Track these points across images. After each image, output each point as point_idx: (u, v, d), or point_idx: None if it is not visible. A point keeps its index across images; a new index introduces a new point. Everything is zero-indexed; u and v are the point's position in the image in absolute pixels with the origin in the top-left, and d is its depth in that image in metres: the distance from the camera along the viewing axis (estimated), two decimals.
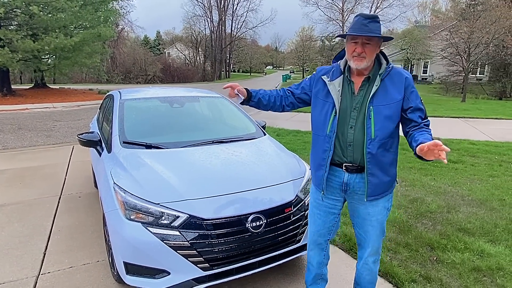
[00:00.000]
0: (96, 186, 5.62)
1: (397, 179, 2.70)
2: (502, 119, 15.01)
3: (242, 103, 2.82)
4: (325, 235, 2.87)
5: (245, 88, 2.82)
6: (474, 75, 38.13)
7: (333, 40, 55.60)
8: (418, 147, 2.18)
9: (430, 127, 2.43)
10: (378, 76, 2.45)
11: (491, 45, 27.78)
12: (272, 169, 3.55)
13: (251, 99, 2.83)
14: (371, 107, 2.42)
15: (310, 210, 2.91)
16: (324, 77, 2.63)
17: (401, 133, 2.54)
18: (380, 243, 2.75)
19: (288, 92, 2.88)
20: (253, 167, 3.60)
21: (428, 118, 2.45)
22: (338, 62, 2.65)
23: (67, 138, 10.64)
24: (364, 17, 2.37)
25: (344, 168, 2.56)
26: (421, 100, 2.46)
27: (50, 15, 20.66)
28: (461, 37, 25.94)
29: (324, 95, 2.61)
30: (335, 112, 2.51)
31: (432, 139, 2.17)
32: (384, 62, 2.50)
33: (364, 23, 2.34)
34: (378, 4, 43.37)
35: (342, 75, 2.57)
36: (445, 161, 2.04)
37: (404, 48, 47.96)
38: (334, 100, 2.52)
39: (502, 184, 6.31)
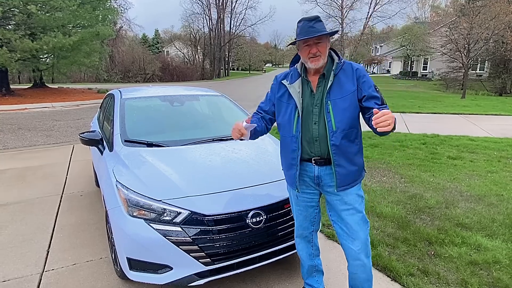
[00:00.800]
0: (97, 184, 5.69)
1: (365, 168, 2.81)
2: (502, 115, 15.07)
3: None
4: (308, 228, 2.99)
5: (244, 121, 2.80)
6: (474, 71, 38.21)
7: (332, 37, 55.51)
8: (373, 119, 2.24)
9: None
10: (332, 71, 2.59)
11: (491, 41, 27.80)
12: (271, 166, 3.61)
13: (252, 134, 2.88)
14: (328, 101, 2.55)
15: (292, 207, 3.05)
16: (284, 81, 2.78)
17: (399, 130, 2.62)
18: (366, 234, 2.73)
19: (261, 112, 2.97)
20: (253, 164, 3.68)
21: (386, 105, 2.56)
22: (295, 66, 2.80)
23: (67, 137, 10.69)
24: (308, 20, 2.52)
25: (313, 162, 2.67)
26: (375, 88, 2.57)
27: (48, 14, 20.61)
28: (460, 33, 25.97)
29: (286, 98, 2.74)
30: (298, 113, 2.64)
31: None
32: (336, 58, 2.65)
33: (310, 25, 2.50)
34: (378, 1, 43.29)
35: (301, 77, 2.70)
36: (388, 128, 2.18)
37: (404, 44, 48.05)
38: (296, 102, 2.65)
39: (500, 180, 6.38)
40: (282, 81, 2.81)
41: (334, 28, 44.89)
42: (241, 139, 2.75)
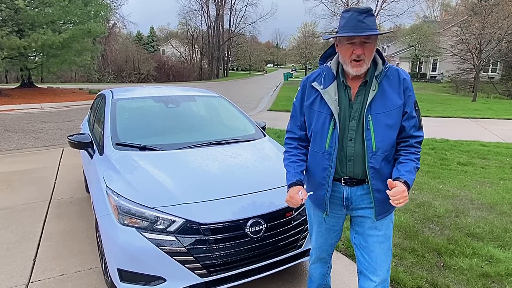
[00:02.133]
0: (87, 190, 5.67)
1: None
2: None
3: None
4: (328, 250, 2.86)
5: (298, 181, 2.49)
6: (485, 73, 38.27)
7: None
8: (388, 181, 2.17)
9: (421, 145, 2.33)
10: (375, 78, 2.28)
11: (504, 41, 27.94)
12: (272, 171, 3.59)
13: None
14: (369, 115, 2.24)
15: (310, 224, 2.85)
16: (316, 84, 2.42)
17: None
18: (389, 267, 2.50)
19: (296, 140, 2.64)
20: (253, 169, 3.66)
21: (423, 131, 2.34)
22: (328, 64, 2.46)
23: (56, 140, 10.69)
24: (359, 12, 2.14)
25: (343, 182, 2.42)
26: (415, 106, 2.30)
27: (37, 10, 20.69)
28: (472, 32, 26.06)
29: (318, 105, 2.40)
30: (335, 124, 2.32)
31: (415, 169, 2.25)
32: (379, 61, 2.31)
33: (360, 19, 2.13)
34: None
35: (336, 80, 2.36)
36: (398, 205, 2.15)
37: (412, 44, 48.07)
38: (332, 110, 2.31)
39: None
40: (312, 84, 2.44)
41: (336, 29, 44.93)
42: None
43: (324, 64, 2.49)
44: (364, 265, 2.50)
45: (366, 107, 2.25)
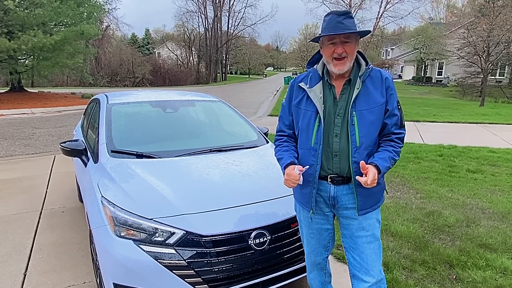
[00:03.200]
0: (81, 200, 5.63)
1: (386, 189, 2.73)
2: None
3: None
4: (322, 253, 2.89)
5: (293, 162, 2.62)
6: (493, 77, 38.36)
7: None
8: (361, 163, 2.34)
9: (402, 142, 2.55)
10: (359, 78, 2.47)
11: None
12: (276, 180, 3.55)
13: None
14: (354, 112, 2.43)
15: (301, 230, 2.93)
16: (302, 84, 2.63)
17: (407, 139, 2.62)
18: (381, 265, 2.62)
19: (285, 134, 2.82)
20: (256, 178, 3.62)
21: (404, 129, 2.57)
22: (315, 67, 2.66)
23: (47, 147, 10.67)
24: (338, 14, 2.38)
25: (329, 180, 2.55)
26: (397, 105, 2.52)
27: (27, 10, 20.68)
28: (479, 35, 26.11)
29: (304, 104, 2.60)
30: (320, 121, 2.50)
31: (390, 159, 2.44)
32: (363, 62, 2.51)
33: (339, 20, 2.36)
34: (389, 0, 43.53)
35: (322, 80, 2.57)
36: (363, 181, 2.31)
37: (417, 47, 48.21)
38: (318, 108, 2.51)
39: None
40: (299, 84, 2.64)
41: None
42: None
43: (311, 68, 2.72)
44: (356, 267, 2.62)
45: (351, 104, 2.45)
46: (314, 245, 2.85)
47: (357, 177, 2.34)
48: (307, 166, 2.55)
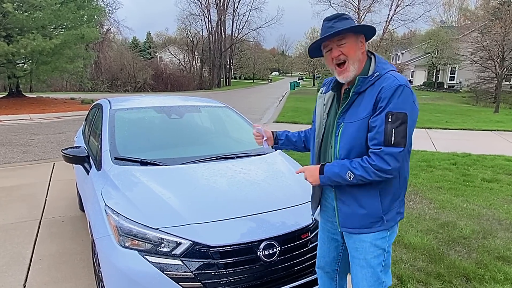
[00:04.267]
0: (82, 208, 5.64)
1: (393, 218, 2.46)
2: None
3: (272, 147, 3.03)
4: (331, 264, 2.86)
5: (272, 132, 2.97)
6: (508, 83, 38.24)
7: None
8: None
9: (380, 161, 2.19)
10: (352, 89, 2.33)
11: None
12: (285, 189, 3.56)
13: (278, 138, 3.00)
14: (342, 123, 2.37)
15: (319, 232, 2.94)
16: (322, 89, 2.66)
17: (419, 147, 2.54)
18: None
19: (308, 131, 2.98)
20: (264, 186, 3.62)
21: (393, 148, 2.17)
22: None
23: (46, 154, 10.70)
24: (328, 20, 2.33)
25: (333, 188, 2.48)
26: (388, 118, 2.17)
27: (26, 13, 20.81)
28: (493, 38, 26.09)
29: (317, 106, 2.67)
30: (315, 131, 2.60)
31: (345, 168, 2.28)
32: (371, 67, 2.35)
33: (329, 25, 2.30)
34: (399, 2, 43.60)
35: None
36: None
37: (429, 51, 48.16)
38: (316, 117, 2.59)
39: None
40: (321, 88, 2.68)
41: None
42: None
43: None
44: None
45: (340, 113, 2.40)
46: (325, 252, 2.85)
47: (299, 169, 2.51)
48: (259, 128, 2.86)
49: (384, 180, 2.28)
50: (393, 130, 2.16)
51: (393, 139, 2.16)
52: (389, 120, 2.17)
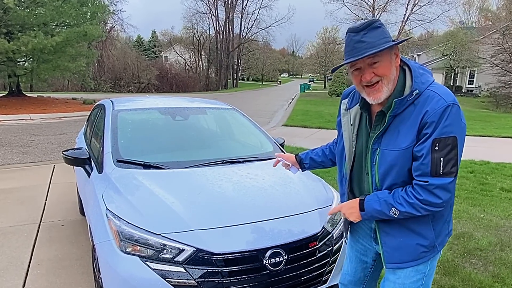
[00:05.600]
0: (82, 212, 5.67)
1: (436, 244, 2.25)
2: None
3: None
4: (356, 284, 2.75)
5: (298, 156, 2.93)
6: None
7: None
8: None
9: (427, 194, 2.01)
10: (389, 111, 2.08)
11: None
12: (294, 195, 3.57)
13: (303, 163, 2.93)
14: (378, 149, 2.16)
15: (347, 247, 2.80)
16: (345, 102, 2.42)
17: None
18: None
19: (332, 145, 2.86)
20: (272, 192, 3.63)
21: (442, 179, 1.98)
22: None
23: (47, 155, 10.77)
24: (356, 32, 2.02)
25: None
26: (435, 146, 1.96)
27: (27, 10, 20.94)
28: None
29: (343, 125, 2.40)
30: (345, 155, 2.36)
31: (387, 204, 2.08)
32: (407, 84, 2.09)
33: (358, 39, 2.00)
34: (416, 1, 43.52)
35: (358, 104, 2.29)
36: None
37: (446, 54, 47.91)
38: (344, 140, 2.35)
39: None
40: (343, 101, 2.43)
41: None
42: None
43: None
44: None
45: (375, 139, 2.17)
46: (350, 270, 2.73)
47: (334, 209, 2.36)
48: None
49: None
50: (441, 159, 1.96)
51: (441, 169, 1.96)
52: (436, 148, 1.95)
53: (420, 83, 2.05)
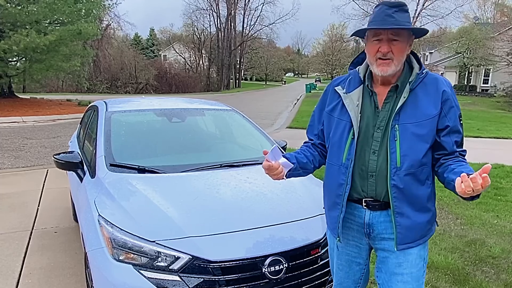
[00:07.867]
0: (75, 219, 5.68)
1: (436, 220, 2.53)
2: None
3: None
4: None
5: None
6: None
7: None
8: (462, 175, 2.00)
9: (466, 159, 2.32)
10: (408, 84, 2.31)
11: None
12: (295, 200, 3.59)
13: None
14: (396, 125, 2.27)
15: (330, 258, 2.86)
16: (339, 88, 2.52)
17: None
18: None
19: (314, 145, 2.77)
20: (272, 198, 3.63)
21: (462, 147, 2.34)
22: (357, 69, 2.54)
23: (39, 159, 10.79)
24: (389, 6, 2.21)
25: (364, 204, 2.43)
26: (459, 119, 2.31)
27: (19, 7, 20.92)
28: None
29: (338, 112, 2.49)
30: (353, 134, 2.38)
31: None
32: (416, 66, 2.37)
33: (389, 13, 2.19)
34: None
35: (362, 85, 2.44)
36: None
37: (460, 51, 47.82)
38: (352, 118, 2.38)
39: None
40: (336, 88, 2.54)
41: None
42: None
43: (353, 69, 2.58)
44: None
45: (394, 115, 2.30)
46: (342, 277, 2.74)
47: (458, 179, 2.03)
48: (290, 165, 2.51)
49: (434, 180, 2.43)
50: (463, 132, 2.37)
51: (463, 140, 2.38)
52: (461, 122, 2.34)
53: (424, 67, 2.37)
